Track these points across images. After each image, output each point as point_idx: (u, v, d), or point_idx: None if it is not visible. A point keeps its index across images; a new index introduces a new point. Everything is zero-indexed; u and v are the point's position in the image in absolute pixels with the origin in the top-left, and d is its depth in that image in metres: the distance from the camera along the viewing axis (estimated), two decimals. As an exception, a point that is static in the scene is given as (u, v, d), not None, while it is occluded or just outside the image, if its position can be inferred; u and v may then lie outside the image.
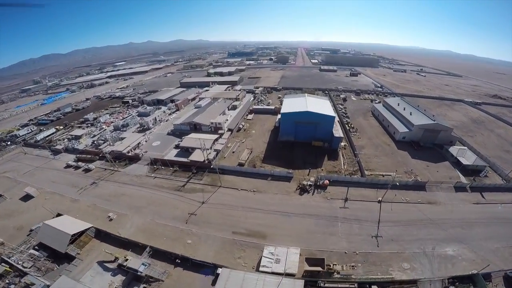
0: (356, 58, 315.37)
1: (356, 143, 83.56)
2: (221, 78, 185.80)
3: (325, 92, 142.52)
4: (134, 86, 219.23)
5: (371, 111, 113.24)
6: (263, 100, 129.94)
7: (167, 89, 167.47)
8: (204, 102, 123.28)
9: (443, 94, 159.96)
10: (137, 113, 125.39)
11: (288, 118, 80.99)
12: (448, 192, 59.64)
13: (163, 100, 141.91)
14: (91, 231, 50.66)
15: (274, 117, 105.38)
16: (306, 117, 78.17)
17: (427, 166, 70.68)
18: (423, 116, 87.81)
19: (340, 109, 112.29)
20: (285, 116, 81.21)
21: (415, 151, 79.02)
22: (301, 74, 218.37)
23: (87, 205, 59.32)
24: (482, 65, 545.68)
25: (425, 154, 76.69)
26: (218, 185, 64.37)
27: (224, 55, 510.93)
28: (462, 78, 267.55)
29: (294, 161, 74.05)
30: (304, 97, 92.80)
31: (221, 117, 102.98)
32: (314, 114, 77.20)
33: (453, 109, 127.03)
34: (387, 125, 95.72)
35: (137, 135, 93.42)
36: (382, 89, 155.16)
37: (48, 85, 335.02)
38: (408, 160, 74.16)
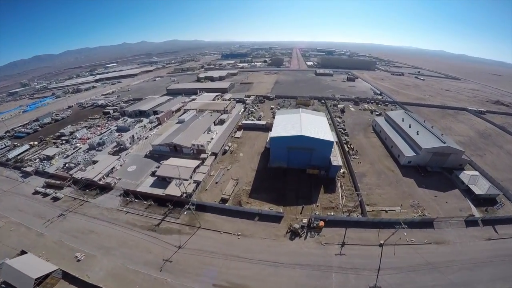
0: (352, 60, 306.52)
1: (356, 170, 73.25)
2: (210, 84, 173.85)
3: (321, 101, 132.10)
4: (119, 93, 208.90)
5: (372, 125, 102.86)
6: (254, 111, 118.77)
7: (151, 97, 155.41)
8: (188, 115, 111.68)
9: (445, 101, 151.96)
10: (116, 127, 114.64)
11: (279, 143, 69.55)
12: (458, 228, 53.93)
13: (146, 111, 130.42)
14: (58, 272, 46.84)
15: (265, 135, 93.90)
16: (300, 142, 66.81)
17: (435, 196, 62.81)
18: (431, 136, 77.86)
19: (338, 124, 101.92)
20: (276, 141, 69.62)
21: (421, 177, 70.11)
22: (296, 78, 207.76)
23: (54, 241, 54.48)
24: (476, 66, 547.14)
25: (433, 182, 68.15)
26: (197, 225, 56.19)
27: (218, 57, 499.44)
28: (460, 81, 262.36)
29: (286, 195, 63.95)
30: (298, 113, 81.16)
31: (205, 136, 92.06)
32: (309, 138, 65.56)
33: (457, 120, 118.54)
34: (390, 145, 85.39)
35: (111, 159, 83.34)
36: (382, 96, 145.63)
37: (36, 88, 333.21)
38: (415, 190, 65.33)
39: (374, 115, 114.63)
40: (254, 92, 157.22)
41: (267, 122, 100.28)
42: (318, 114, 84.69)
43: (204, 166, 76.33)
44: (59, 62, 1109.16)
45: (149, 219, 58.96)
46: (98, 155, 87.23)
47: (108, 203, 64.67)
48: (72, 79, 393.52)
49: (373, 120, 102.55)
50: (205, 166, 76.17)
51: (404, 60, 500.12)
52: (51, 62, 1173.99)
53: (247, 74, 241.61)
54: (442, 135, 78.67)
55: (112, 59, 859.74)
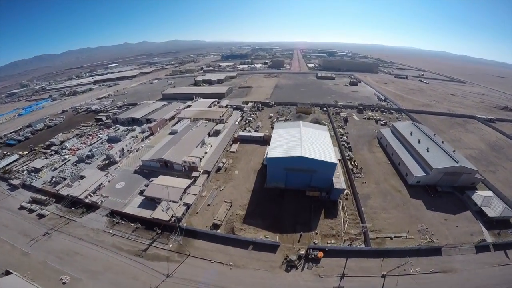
0: (354, 62, 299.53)
1: (360, 191, 67.25)
2: (207, 89, 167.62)
3: (323, 109, 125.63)
4: (115, 96, 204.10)
5: (377, 138, 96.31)
6: (252, 120, 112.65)
7: (145, 103, 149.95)
8: (182, 125, 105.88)
9: (452, 107, 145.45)
10: (107, 136, 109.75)
11: (276, 164, 63.34)
12: (468, 255, 50.60)
13: (138, 119, 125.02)
14: (43, 296, 43.91)
15: (263, 149, 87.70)
16: (300, 163, 60.55)
17: (445, 220, 58.37)
18: (442, 154, 71.43)
19: (341, 137, 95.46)
20: (273, 161, 63.28)
21: (431, 198, 64.73)
22: (297, 82, 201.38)
23: (39, 261, 52.67)
24: (479, 68, 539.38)
25: (442, 203, 63.15)
26: (187, 253, 52.41)
27: (218, 58, 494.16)
28: (465, 84, 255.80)
29: (283, 221, 58.41)
30: (298, 127, 74.45)
31: (198, 150, 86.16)
32: (310, 160, 59.15)
33: (467, 130, 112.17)
34: (397, 162, 79.00)
35: (98, 174, 78.59)
36: (386, 103, 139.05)
37: (35, 89, 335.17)
38: (423, 213, 60.37)
39: (379, 125, 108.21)
40: (252, 98, 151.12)
41: (264, 134, 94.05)
42: (320, 128, 78.27)
43: (195, 187, 70.70)
44: (60, 62, 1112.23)
45: (136, 243, 55.65)
46: (85, 170, 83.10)
47: (94, 223, 61.61)
48: (71, 80, 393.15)
49: (378, 131, 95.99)
50: (196, 187, 70.55)
51: (406, 61, 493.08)
52: (52, 62, 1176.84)
53: (247, 77, 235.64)
54: (454, 152, 72.45)
55: (113, 59, 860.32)
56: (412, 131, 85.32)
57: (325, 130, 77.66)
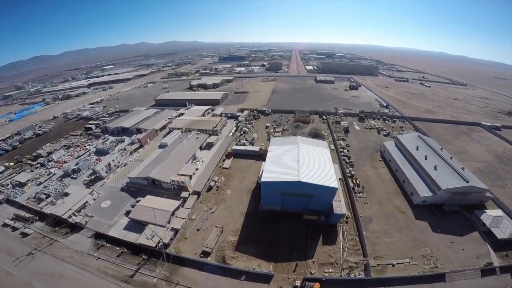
0: (354, 65, 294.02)
1: (362, 213, 62.09)
2: (202, 94, 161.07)
3: (322, 117, 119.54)
4: (107, 101, 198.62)
5: (380, 151, 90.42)
6: (247, 131, 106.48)
7: (137, 110, 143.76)
8: (172, 137, 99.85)
9: (456, 113, 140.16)
10: (95, 148, 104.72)
11: (271, 188, 57.68)
12: (472, 279, 47.80)
13: (128, 128, 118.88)
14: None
15: (259, 164, 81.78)
16: (297, 188, 54.94)
17: (451, 242, 54.80)
18: (451, 172, 65.91)
19: (341, 150, 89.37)
20: (268, 186, 57.55)
21: (437, 219, 60.37)
22: (295, 87, 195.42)
23: (23, 282, 51.36)
24: (478, 69, 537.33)
25: (449, 224, 59.31)
26: (175, 281, 49.39)
27: (216, 59, 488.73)
28: (467, 87, 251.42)
29: (278, 247, 53.98)
30: (295, 144, 68.30)
31: (189, 167, 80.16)
32: (308, 185, 53.64)
33: (473, 140, 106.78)
34: (402, 179, 73.31)
35: (83, 192, 74.17)
36: (388, 110, 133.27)
37: (30, 91, 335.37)
38: (428, 236, 56.38)
39: (382, 135, 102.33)
40: (248, 104, 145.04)
41: (260, 148, 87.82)
42: (319, 144, 72.09)
43: (184, 209, 65.04)
44: (57, 63, 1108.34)
45: (122, 268, 52.94)
46: (70, 186, 78.03)
47: (78, 245, 58.86)
48: (67, 82, 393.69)
49: (381, 144, 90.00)
50: (185, 209, 64.88)
51: (405, 62, 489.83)
52: (49, 63, 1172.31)
53: (243, 80, 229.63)
54: (463, 169, 67.33)
55: (111, 60, 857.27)
56: (418, 146, 79.38)
57: (325, 147, 71.51)
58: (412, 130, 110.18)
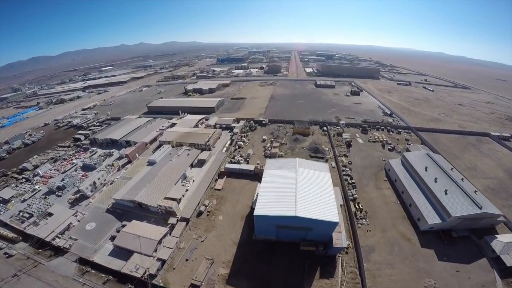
0: (355, 68, 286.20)
1: (364, 242, 56.78)
2: (196, 102, 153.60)
3: (323, 128, 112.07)
4: (100, 107, 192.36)
5: (385, 169, 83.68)
6: (242, 144, 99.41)
7: (128, 119, 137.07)
8: (162, 153, 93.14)
9: (462, 121, 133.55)
10: (82, 162, 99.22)
11: (265, 221, 51.76)
12: None
13: (118, 140, 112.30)
14: None
15: (254, 186, 75.33)
16: (294, 222, 49.15)
17: (457, 271, 51.08)
18: (462, 197, 59.91)
19: (343, 169, 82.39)
20: (261, 219, 51.63)
21: (444, 246, 55.86)
22: (294, 92, 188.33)
23: None
24: (479, 70, 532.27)
25: (456, 251, 55.05)
26: None
27: (214, 61, 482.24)
28: (470, 90, 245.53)
29: (272, 281, 49.21)
30: (293, 169, 61.28)
31: (177, 189, 73.85)
32: (306, 219, 47.84)
33: (482, 153, 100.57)
34: (408, 203, 67.03)
35: (67, 213, 70.33)
36: (393, 119, 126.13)
37: (27, 93, 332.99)
38: (433, 265, 52.15)
39: (387, 149, 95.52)
40: (245, 113, 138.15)
41: (255, 167, 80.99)
42: (319, 168, 65.06)
43: (171, 237, 59.32)
44: (56, 64, 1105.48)
45: None
46: (54, 206, 74.09)
47: (63, 269, 56.43)
48: (63, 84, 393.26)
49: (387, 162, 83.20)
50: (173, 238, 59.19)
51: (406, 64, 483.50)
52: (48, 64, 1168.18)
53: (241, 84, 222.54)
54: (476, 193, 61.26)
55: (109, 61, 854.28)
56: (427, 166, 72.61)
57: (326, 170, 64.63)
58: (418, 143, 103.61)
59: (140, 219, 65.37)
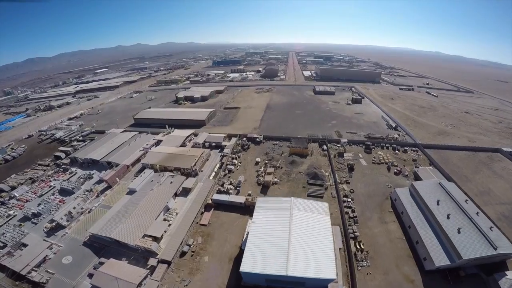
0: (355, 72, 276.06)
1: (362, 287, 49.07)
2: (186, 113, 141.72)
3: (323, 147, 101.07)
4: (88, 116, 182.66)
5: (391, 198, 74.15)
6: (232, 169, 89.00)
7: (112, 133, 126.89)
8: (143, 179, 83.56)
9: (472, 135, 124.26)
10: (60, 185, 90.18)
11: (253, 277, 45.37)
12: None
13: (99, 161, 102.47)
14: None
15: (244, 220, 66.04)
16: (286, 279, 42.97)
17: None
18: (477, 236, 52.29)
19: (344, 199, 72.55)
20: (249, 276, 45.05)
21: (449, 286, 49.68)
22: (292, 100, 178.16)
23: None
24: (478, 70, 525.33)
25: None
26: None
27: (210, 63, 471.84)
28: (474, 95, 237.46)
29: None
30: (287, 212, 52.32)
31: (159, 225, 64.85)
32: (299, 277, 41.92)
33: (494, 173, 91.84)
34: (415, 239, 58.95)
35: (42, 244, 64.79)
36: (398, 134, 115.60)
37: (19, 97, 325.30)
38: None
39: (393, 173, 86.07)
40: (238, 127, 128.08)
41: (246, 199, 71.20)
42: (317, 209, 55.78)
43: (152, 281, 52.20)
44: (51, 66, 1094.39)
45: None
46: (29, 235, 68.86)
47: None
48: (56, 87, 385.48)
49: (393, 191, 73.81)
50: (153, 281, 52.05)
51: (405, 65, 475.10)
52: (43, 66, 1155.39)
53: (236, 91, 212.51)
54: (491, 229, 53.81)
55: (105, 62, 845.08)
56: (439, 200, 63.36)
57: (325, 212, 55.55)
58: (426, 163, 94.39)
59: (119, 255, 59.46)
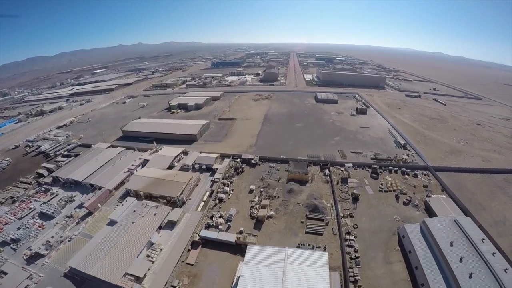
0: (359, 77, 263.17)
1: None
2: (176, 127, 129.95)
3: (324, 172, 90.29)
4: (77, 124, 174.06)
5: (399, 234, 64.82)
6: (224, 198, 79.18)
7: (98, 149, 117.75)
8: (125, 208, 74.80)
9: (485, 153, 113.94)
10: (40, 208, 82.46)
11: None
12: None
13: (81, 182, 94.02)
14: None
15: (235, 260, 58.02)
16: None
17: None
18: (490, 281, 46.30)
19: (346, 238, 63.05)
20: None
21: None
22: (292, 110, 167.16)
23: None
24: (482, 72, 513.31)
25: None
26: None
27: (209, 64, 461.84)
28: (483, 101, 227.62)
29: None
30: (281, 265, 44.74)
31: (140, 264, 57.70)
32: None
33: (510, 197, 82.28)
34: (421, 282, 52.09)
35: (21, 274, 60.72)
36: (408, 153, 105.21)
37: (15, 98, 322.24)
38: None
39: (402, 203, 76.47)
40: (232, 143, 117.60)
41: (237, 237, 62.30)
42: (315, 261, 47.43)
43: None
44: (51, 65, 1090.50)
45: None
46: (7, 263, 64.55)
47: None
48: (53, 88, 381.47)
49: (402, 227, 64.57)
50: None
51: (408, 67, 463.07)
52: (43, 65, 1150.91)
53: (233, 97, 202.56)
54: (506, 271, 47.10)
55: (105, 62, 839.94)
56: (454, 241, 54.73)
57: (323, 264, 47.75)
58: (438, 188, 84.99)
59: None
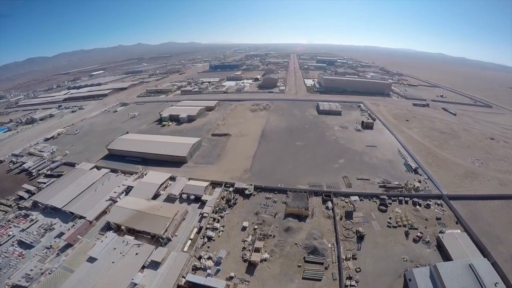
0: (363, 83, 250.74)
1: None
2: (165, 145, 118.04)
3: (326, 205, 79.67)
4: (64, 136, 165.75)
5: (405, 277, 55.86)
6: (213, 236, 68.85)
7: (81, 170, 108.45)
8: (105, 244, 66.24)
9: (502, 175, 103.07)
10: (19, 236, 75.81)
11: None
12: None
13: (61, 209, 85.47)
14: None
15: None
16: None
17: None
18: None
19: (348, 284, 54.16)
20: None
21: None
22: (292, 124, 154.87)
23: None
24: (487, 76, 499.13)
25: None
26: None
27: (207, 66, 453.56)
28: (493, 110, 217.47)
29: None
30: None
31: None
32: None
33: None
34: None
35: None
36: (419, 179, 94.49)
37: (11, 101, 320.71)
38: None
39: (411, 240, 66.42)
40: (225, 167, 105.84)
41: (227, 284, 53.54)
42: None
43: None
44: (51, 66, 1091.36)
45: None
46: None
47: None
48: (49, 91, 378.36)
49: (409, 270, 55.36)
50: None
51: (410, 69, 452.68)
52: (43, 66, 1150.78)
53: (228, 107, 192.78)
54: None
55: (104, 63, 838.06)
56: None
57: None
58: (453, 220, 75.39)
59: None
